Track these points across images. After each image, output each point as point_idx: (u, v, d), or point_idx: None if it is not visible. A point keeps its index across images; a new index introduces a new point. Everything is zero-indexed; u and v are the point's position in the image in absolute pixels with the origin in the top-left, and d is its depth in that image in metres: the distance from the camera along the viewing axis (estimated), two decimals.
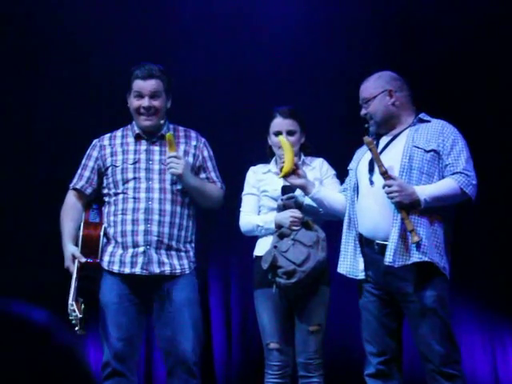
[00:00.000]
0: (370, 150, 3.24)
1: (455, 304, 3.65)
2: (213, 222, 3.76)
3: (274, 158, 3.74)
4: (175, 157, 3.37)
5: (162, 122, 3.48)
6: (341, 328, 4.71)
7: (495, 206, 4.79)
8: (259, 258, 3.55)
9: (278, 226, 3.50)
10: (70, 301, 3.18)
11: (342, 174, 3.62)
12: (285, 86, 4.95)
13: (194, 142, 3.55)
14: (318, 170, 3.67)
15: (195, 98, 4.90)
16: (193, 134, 3.59)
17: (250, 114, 4.83)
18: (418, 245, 3.09)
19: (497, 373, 4.87)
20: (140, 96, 3.45)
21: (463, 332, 4.71)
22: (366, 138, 3.25)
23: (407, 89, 3.39)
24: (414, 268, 3.12)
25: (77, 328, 3.16)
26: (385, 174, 3.15)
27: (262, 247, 3.59)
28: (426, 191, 3.13)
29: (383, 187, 3.15)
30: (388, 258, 3.13)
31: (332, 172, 3.69)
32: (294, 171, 3.46)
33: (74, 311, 3.15)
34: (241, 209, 3.70)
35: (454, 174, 3.17)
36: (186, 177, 3.39)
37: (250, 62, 5.05)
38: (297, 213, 3.49)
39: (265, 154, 3.78)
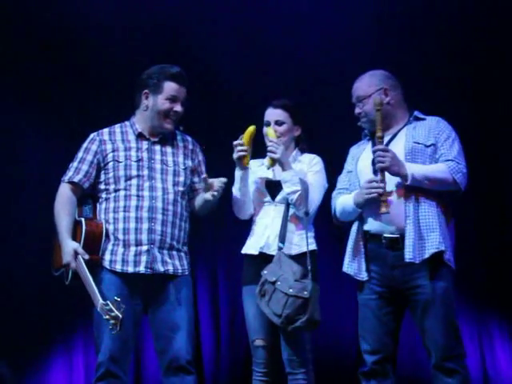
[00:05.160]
0: (377, 110, 3.18)
1: None
2: (199, 222, 3.73)
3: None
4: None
5: None
6: (334, 324, 4.69)
7: (480, 199, 4.83)
8: (248, 255, 3.55)
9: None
10: (101, 300, 3.08)
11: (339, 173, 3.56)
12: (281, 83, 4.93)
13: (190, 146, 3.54)
14: (306, 163, 3.60)
15: None
16: (189, 138, 3.57)
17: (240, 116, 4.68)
18: (434, 236, 3.10)
19: (485, 365, 4.87)
20: (174, 100, 3.41)
21: None
22: (376, 98, 3.21)
23: (400, 87, 3.38)
24: (427, 260, 3.11)
25: (112, 327, 3.01)
26: (380, 139, 3.16)
27: (251, 245, 3.57)
28: (415, 168, 3.14)
29: (374, 151, 3.15)
30: (408, 254, 3.11)
31: (318, 168, 3.60)
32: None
33: (112, 311, 3.02)
34: None
35: (445, 161, 3.19)
36: None
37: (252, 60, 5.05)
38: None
39: None
